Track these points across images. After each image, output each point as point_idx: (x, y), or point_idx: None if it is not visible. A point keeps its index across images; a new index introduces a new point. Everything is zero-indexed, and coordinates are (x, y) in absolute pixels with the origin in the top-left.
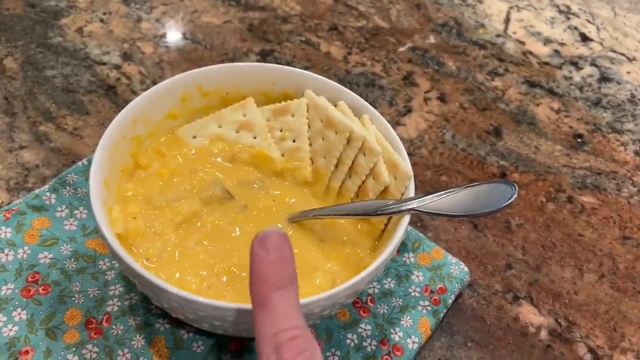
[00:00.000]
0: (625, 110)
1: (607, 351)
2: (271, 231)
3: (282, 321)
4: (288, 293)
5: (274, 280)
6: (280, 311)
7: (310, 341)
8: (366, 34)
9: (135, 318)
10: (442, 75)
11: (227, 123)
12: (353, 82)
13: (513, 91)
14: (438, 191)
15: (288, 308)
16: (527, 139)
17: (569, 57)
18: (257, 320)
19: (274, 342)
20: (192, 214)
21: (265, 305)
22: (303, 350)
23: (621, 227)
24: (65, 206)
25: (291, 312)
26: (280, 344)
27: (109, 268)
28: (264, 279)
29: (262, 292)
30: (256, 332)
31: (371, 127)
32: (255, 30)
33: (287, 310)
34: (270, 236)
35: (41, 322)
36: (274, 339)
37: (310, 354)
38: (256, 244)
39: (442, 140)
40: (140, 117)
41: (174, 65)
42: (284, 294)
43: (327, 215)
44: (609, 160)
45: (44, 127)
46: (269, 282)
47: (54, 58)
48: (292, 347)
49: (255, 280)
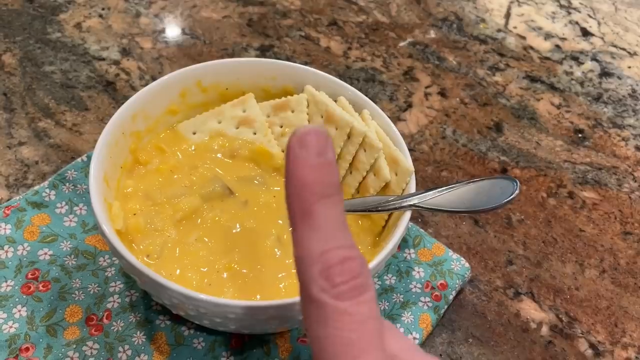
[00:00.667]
0: (626, 105)
1: (609, 347)
2: (313, 128)
3: (331, 237)
4: (334, 203)
5: (319, 187)
6: (328, 224)
7: (364, 264)
8: (366, 29)
9: (136, 315)
10: (442, 70)
11: (227, 119)
12: (353, 78)
13: (514, 86)
14: (439, 187)
15: (336, 221)
16: (528, 135)
17: (570, 52)
18: (298, 235)
19: (322, 263)
20: (192, 210)
21: (309, 216)
22: (358, 274)
23: (622, 222)
24: (64, 202)
25: (340, 227)
26: (330, 265)
27: (109, 265)
28: (307, 185)
29: (306, 201)
30: (297, 250)
31: (372, 122)
32: (255, 25)
33: (336, 223)
34: (313, 134)
35: (41, 319)
36: (322, 259)
37: (365, 279)
38: (296, 142)
39: (443, 135)
40: (139, 112)
41: (173, 60)
42: (330, 204)
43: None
44: (610, 155)
45: (43, 123)
46: (313, 189)
47: (53, 54)
48: (345, 271)
49: (295, 187)
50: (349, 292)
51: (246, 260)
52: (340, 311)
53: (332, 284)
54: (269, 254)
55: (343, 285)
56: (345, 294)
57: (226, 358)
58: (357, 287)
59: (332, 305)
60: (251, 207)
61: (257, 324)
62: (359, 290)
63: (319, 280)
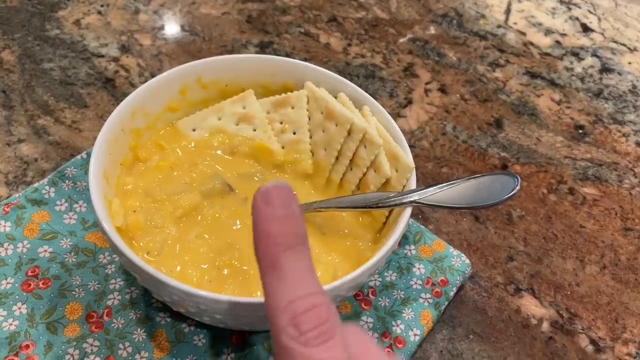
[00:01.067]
0: (626, 101)
1: (609, 342)
2: (276, 184)
3: (298, 287)
4: (300, 253)
5: (283, 239)
6: (294, 274)
7: (330, 309)
8: (366, 25)
9: (136, 312)
10: (442, 66)
11: (227, 115)
12: (353, 74)
13: (514, 82)
14: (439, 183)
15: (302, 270)
16: (528, 131)
17: (570, 48)
18: (267, 286)
19: (290, 312)
20: (192, 207)
21: (275, 267)
22: (325, 321)
23: (623, 218)
24: (64, 200)
25: (306, 275)
26: (297, 314)
27: (109, 262)
28: (272, 238)
29: (271, 253)
30: (267, 300)
31: (372, 118)
32: (254, 21)
33: (302, 272)
34: (275, 190)
35: (41, 316)
36: (290, 308)
37: (332, 325)
38: (259, 199)
39: (443, 132)
40: (139, 109)
41: (173, 57)
42: (296, 254)
43: (328, 207)
44: (611, 151)
45: (43, 121)
46: (277, 241)
47: (52, 51)
48: (312, 319)
49: (261, 241)
50: (316, 339)
51: (246, 257)
52: (307, 357)
53: (300, 332)
54: None
55: (310, 332)
56: (312, 341)
57: (227, 355)
58: (323, 333)
59: (299, 351)
60: (251, 204)
61: (257, 321)
62: (325, 337)
63: (288, 329)
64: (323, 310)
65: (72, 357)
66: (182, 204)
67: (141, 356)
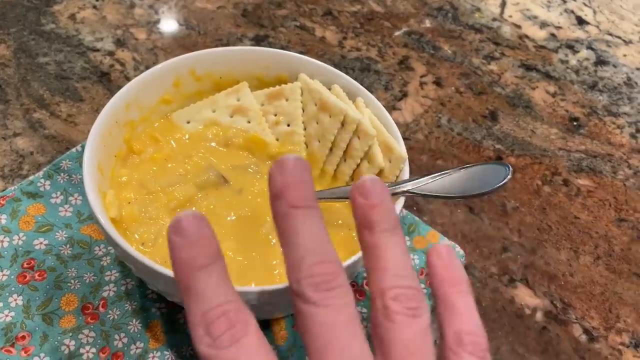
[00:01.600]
0: (621, 93)
1: (603, 332)
2: (184, 214)
3: (209, 300)
4: (212, 270)
5: (195, 262)
6: (206, 290)
7: (240, 313)
8: (361, 19)
9: (132, 303)
10: (437, 59)
11: (221, 108)
12: (348, 67)
13: (509, 75)
14: (432, 173)
15: (214, 286)
16: (523, 123)
17: (565, 41)
18: (186, 306)
19: (204, 322)
20: (186, 198)
21: (189, 287)
22: (233, 324)
23: (617, 209)
24: (59, 192)
25: (218, 290)
26: (209, 323)
27: (104, 254)
28: (184, 262)
29: (185, 276)
30: (187, 319)
31: (365, 110)
32: (250, 15)
33: (213, 288)
34: (184, 220)
35: (37, 308)
36: (203, 319)
37: (242, 326)
38: (171, 231)
39: (438, 124)
40: (133, 102)
41: (168, 51)
42: (207, 273)
43: (321, 198)
44: (605, 143)
45: (38, 114)
46: (189, 265)
47: (47, 45)
48: (221, 324)
49: (176, 266)
50: (228, 341)
51: (241, 247)
52: (224, 358)
53: (213, 338)
54: (264, 242)
55: (222, 336)
56: (224, 343)
57: None
58: (233, 334)
59: (215, 354)
60: (246, 195)
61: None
62: (235, 337)
63: (204, 338)
64: (232, 315)
65: (68, 348)
66: (177, 196)
67: (137, 347)
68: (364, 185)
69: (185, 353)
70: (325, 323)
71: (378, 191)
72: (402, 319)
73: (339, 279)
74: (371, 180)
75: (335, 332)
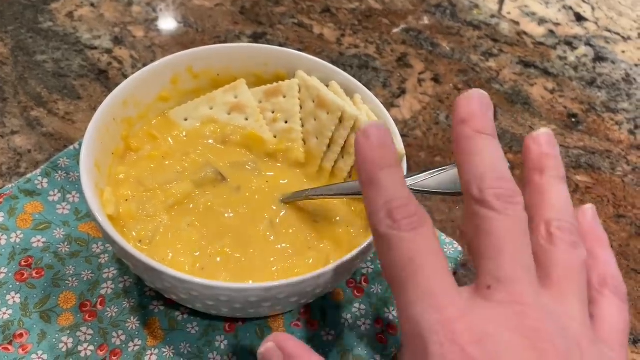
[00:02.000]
0: (620, 89)
1: None
2: (374, 123)
3: (392, 192)
4: (394, 172)
5: (380, 160)
6: (389, 185)
7: (419, 208)
8: (359, 16)
9: (130, 300)
10: (436, 56)
11: (219, 105)
12: (346, 64)
13: (507, 72)
14: (430, 169)
15: (396, 183)
16: (521, 119)
17: (564, 37)
18: (367, 197)
19: (385, 208)
20: (184, 195)
21: (373, 182)
22: (414, 214)
23: (615, 205)
24: (57, 190)
25: (400, 186)
26: (391, 209)
27: (102, 251)
28: (370, 159)
29: (370, 171)
30: (367, 208)
31: (363, 106)
32: (248, 12)
33: (396, 184)
34: (374, 126)
35: (35, 306)
36: (385, 206)
37: (421, 217)
38: (360, 135)
39: (437, 121)
40: (130, 99)
41: (166, 49)
42: (390, 171)
43: (319, 195)
44: (604, 139)
45: (36, 112)
46: (374, 162)
47: (45, 43)
48: (403, 211)
49: (361, 163)
50: (408, 225)
51: (239, 244)
52: (402, 239)
53: (394, 220)
54: (262, 239)
55: (403, 221)
56: (405, 227)
57: (220, 342)
58: (414, 222)
59: (396, 235)
60: (243, 193)
61: (249, 307)
62: (415, 224)
63: (385, 220)
64: (413, 207)
65: (66, 346)
66: (174, 193)
67: (135, 344)
68: (538, 136)
69: (184, 350)
70: (505, 228)
71: (552, 142)
72: (564, 247)
73: (518, 197)
74: (546, 133)
75: (513, 237)
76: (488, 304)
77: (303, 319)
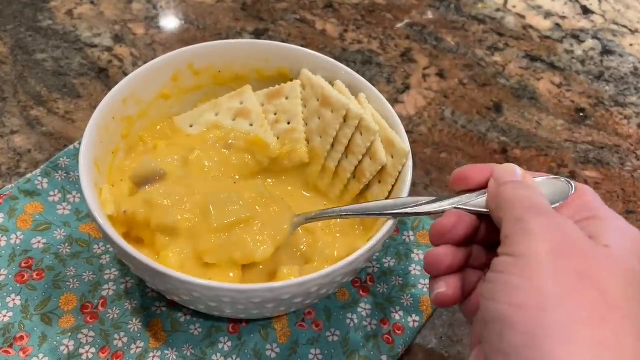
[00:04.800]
0: (628, 83)
1: None
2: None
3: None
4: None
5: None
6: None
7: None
8: (362, 11)
9: (132, 302)
10: (440, 51)
11: (224, 111)
12: (350, 60)
13: (513, 66)
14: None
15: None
16: (528, 114)
17: (570, 31)
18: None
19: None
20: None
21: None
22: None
23: (625, 201)
24: (57, 190)
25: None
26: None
27: (103, 252)
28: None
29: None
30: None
31: (368, 105)
32: (249, 9)
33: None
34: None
35: (36, 308)
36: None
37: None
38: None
39: (442, 117)
40: (130, 97)
41: (166, 46)
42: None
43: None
44: (612, 134)
45: (35, 112)
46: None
47: (44, 41)
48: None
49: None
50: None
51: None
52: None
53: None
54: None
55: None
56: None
57: (223, 344)
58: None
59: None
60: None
61: (252, 308)
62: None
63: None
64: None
65: (67, 348)
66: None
67: (137, 346)
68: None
69: (187, 352)
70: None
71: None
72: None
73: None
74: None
75: None
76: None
77: (308, 320)
